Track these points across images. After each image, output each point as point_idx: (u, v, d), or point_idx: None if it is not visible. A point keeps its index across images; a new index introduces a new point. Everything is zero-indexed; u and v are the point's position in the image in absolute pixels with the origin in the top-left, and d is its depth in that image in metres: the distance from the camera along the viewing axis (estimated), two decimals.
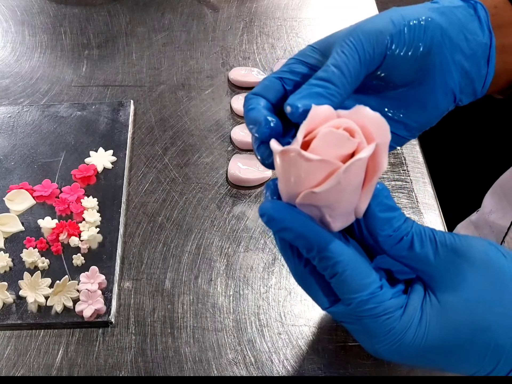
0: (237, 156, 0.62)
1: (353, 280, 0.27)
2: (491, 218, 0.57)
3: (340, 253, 0.27)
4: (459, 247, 0.27)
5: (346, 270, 0.27)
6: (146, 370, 0.48)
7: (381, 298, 0.27)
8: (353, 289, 0.27)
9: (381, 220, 0.27)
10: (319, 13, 0.80)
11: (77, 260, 0.54)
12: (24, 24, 0.79)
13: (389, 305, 0.27)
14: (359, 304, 0.27)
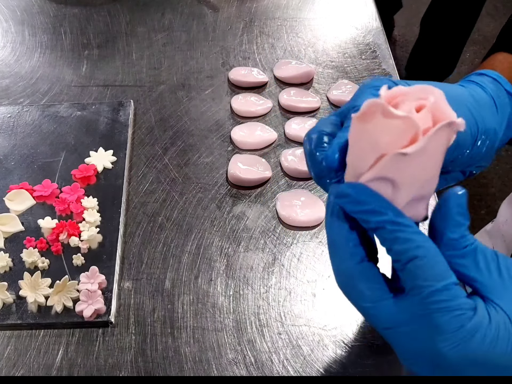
0: (237, 156, 0.62)
1: (432, 268, 0.26)
2: (504, 228, 0.57)
3: (424, 240, 0.27)
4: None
5: (427, 256, 0.26)
6: (146, 370, 0.48)
7: (456, 293, 0.26)
8: (430, 276, 0.26)
9: (454, 222, 0.28)
10: (319, 13, 0.80)
11: (77, 260, 0.54)
12: (24, 24, 0.79)
13: (464, 302, 0.26)
14: (432, 294, 0.26)
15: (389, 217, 0.27)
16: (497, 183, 1.64)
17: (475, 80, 0.38)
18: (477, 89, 0.37)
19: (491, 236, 0.60)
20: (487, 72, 0.39)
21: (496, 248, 0.58)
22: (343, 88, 0.69)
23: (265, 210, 0.59)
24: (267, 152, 0.64)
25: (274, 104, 0.68)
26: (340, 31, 0.78)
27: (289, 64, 0.72)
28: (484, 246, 0.28)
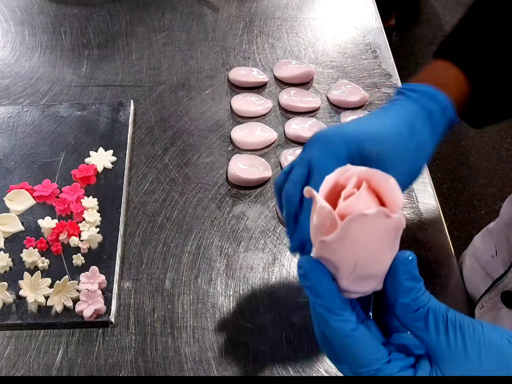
0: (237, 156, 0.62)
1: (361, 355, 0.28)
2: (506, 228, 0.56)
3: (354, 327, 0.28)
4: (467, 331, 0.28)
5: (355, 345, 0.28)
6: (146, 370, 0.48)
7: (389, 372, 0.28)
8: (361, 364, 0.28)
9: (404, 288, 0.28)
10: (319, 13, 0.80)
11: (77, 260, 0.54)
12: (24, 24, 0.79)
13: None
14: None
15: (324, 303, 0.28)
16: (497, 183, 1.64)
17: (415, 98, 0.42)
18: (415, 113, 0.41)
19: (492, 235, 0.60)
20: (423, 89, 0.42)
21: (498, 248, 0.58)
22: (343, 88, 0.69)
23: (265, 210, 0.59)
24: (267, 152, 0.64)
25: (274, 104, 0.68)
26: (340, 31, 0.78)
27: (289, 64, 0.72)
28: (437, 305, 0.29)
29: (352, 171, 0.28)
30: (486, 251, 0.60)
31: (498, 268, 0.56)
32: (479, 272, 0.59)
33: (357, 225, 0.26)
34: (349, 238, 0.26)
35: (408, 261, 0.29)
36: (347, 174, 0.28)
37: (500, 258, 0.56)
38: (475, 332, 0.28)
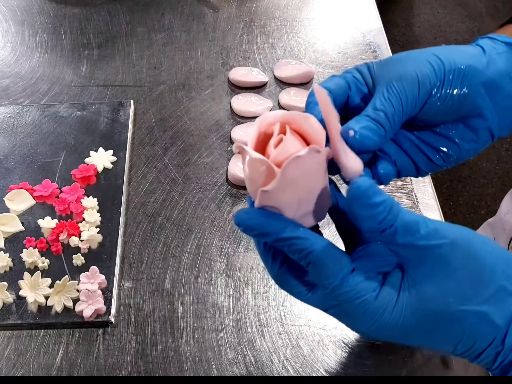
0: (237, 156, 0.62)
1: (326, 267, 0.29)
2: (506, 218, 0.57)
3: (312, 243, 0.29)
4: (442, 236, 0.28)
5: (318, 258, 0.29)
6: (146, 370, 0.48)
7: (353, 282, 0.29)
8: (326, 275, 0.29)
9: (364, 218, 0.29)
10: (319, 13, 0.80)
11: (77, 260, 0.54)
12: (24, 24, 0.79)
13: (361, 287, 0.29)
14: (333, 289, 0.29)
15: (276, 236, 0.29)
16: (497, 183, 1.64)
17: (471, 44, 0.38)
18: (463, 46, 0.36)
19: (493, 228, 0.61)
20: (484, 36, 0.38)
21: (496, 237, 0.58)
22: None
23: None
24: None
25: (274, 104, 0.68)
26: (340, 31, 0.77)
27: (289, 64, 0.72)
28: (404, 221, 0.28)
29: (271, 118, 0.30)
30: None
31: None
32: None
33: (294, 167, 0.28)
34: (289, 181, 0.28)
35: (361, 193, 0.28)
36: (267, 121, 0.30)
37: None
38: (447, 228, 0.29)
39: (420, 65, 0.34)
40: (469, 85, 0.34)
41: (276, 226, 0.29)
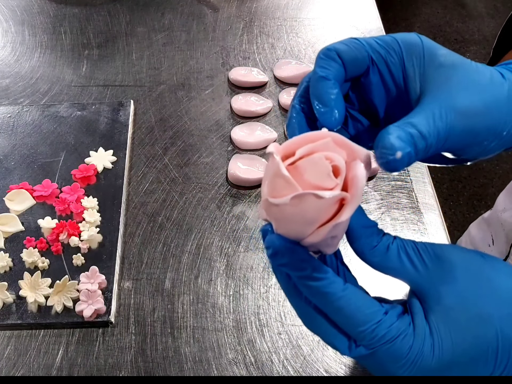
0: (237, 156, 0.62)
1: (360, 311, 0.27)
2: (503, 216, 0.57)
3: (344, 288, 0.27)
4: (441, 253, 0.28)
5: (350, 303, 0.27)
6: (146, 370, 0.48)
7: (390, 322, 0.27)
8: (361, 321, 0.27)
9: (363, 232, 0.28)
10: (319, 13, 0.80)
11: (77, 260, 0.54)
12: (24, 24, 0.79)
13: (399, 325, 0.27)
14: (372, 335, 0.27)
15: (306, 273, 0.27)
16: (497, 183, 1.64)
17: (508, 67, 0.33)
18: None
19: (489, 224, 0.61)
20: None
21: (495, 237, 0.58)
22: None
23: None
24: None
25: (274, 104, 0.68)
26: (340, 31, 0.77)
27: (289, 64, 0.72)
28: (402, 241, 0.28)
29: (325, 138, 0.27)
30: (482, 240, 0.60)
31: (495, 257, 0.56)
32: None
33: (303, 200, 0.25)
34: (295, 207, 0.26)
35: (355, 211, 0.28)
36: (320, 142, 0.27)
37: (496, 247, 0.57)
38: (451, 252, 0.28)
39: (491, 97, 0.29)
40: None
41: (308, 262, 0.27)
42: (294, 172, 0.27)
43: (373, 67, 0.31)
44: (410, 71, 0.30)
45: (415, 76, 0.30)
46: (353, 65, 0.31)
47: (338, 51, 0.30)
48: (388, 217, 0.58)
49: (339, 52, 0.30)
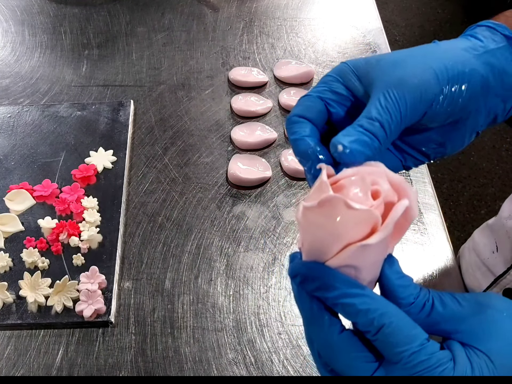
0: (237, 156, 0.62)
1: (402, 331, 0.25)
2: (508, 224, 0.56)
3: (386, 305, 0.26)
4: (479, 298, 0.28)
5: (393, 321, 0.25)
6: (146, 370, 0.48)
7: (432, 349, 0.26)
8: (402, 341, 0.25)
9: (400, 287, 0.27)
10: (319, 13, 0.80)
11: (77, 260, 0.54)
12: (24, 24, 0.79)
13: (441, 356, 0.26)
14: (411, 358, 0.25)
15: (343, 291, 0.26)
16: (497, 183, 1.64)
17: (468, 32, 0.35)
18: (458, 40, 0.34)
19: (493, 230, 0.60)
20: (482, 23, 0.35)
21: (499, 244, 0.58)
22: None
23: (265, 210, 0.59)
24: (267, 152, 0.64)
25: (274, 104, 0.68)
26: (340, 31, 0.78)
27: (289, 64, 0.72)
28: (438, 293, 0.28)
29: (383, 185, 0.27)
30: (486, 246, 0.60)
31: (499, 264, 0.56)
32: (480, 267, 0.59)
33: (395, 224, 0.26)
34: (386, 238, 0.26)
35: (393, 261, 0.28)
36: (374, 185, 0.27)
37: (501, 255, 0.56)
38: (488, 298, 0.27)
39: (421, 71, 0.31)
40: (471, 91, 0.32)
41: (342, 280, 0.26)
42: (335, 187, 0.27)
43: (334, 108, 0.33)
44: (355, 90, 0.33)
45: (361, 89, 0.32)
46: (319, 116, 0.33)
47: (299, 114, 0.32)
48: None
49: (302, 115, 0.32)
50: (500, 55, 0.33)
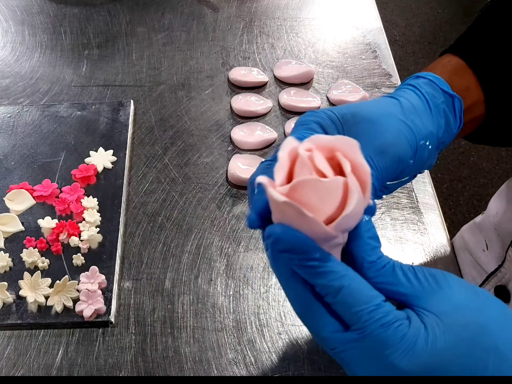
0: (237, 156, 0.62)
1: (360, 292, 0.28)
2: (496, 221, 0.57)
3: (346, 269, 0.28)
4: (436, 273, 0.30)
5: (351, 283, 0.28)
6: (146, 370, 0.48)
7: (389, 308, 0.28)
8: (361, 301, 0.28)
9: (369, 246, 0.30)
10: (319, 13, 0.80)
11: (77, 260, 0.54)
12: (24, 24, 0.79)
13: (397, 313, 0.28)
14: (369, 315, 0.27)
15: (308, 254, 0.28)
16: (497, 183, 1.64)
17: (412, 83, 0.40)
18: (410, 95, 0.39)
19: (481, 229, 0.60)
20: (423, 74, 0.40)
21: (489, 242, 0.58)
22: (343, 88, 0.69)
23: None
24: (267, 152, 0.64)
25: (274, 104, 0.68)
26: (340, 31, 0.78)
27: (289, 64, 0.72)
28: (399, 262, 0.30)
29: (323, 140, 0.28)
30: (477, 245, 0.60)
31: (491, 262, 0.56)
32: (475, 266, 0.59)
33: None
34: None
35: (367, 221, 0.30)
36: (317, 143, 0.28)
37: (491, 253, 0.57)
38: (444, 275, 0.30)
39: (397, 138, 0.36)
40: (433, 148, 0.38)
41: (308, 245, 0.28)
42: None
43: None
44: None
45: None
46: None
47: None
48: (388, 217, 0.58)
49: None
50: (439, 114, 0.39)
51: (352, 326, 0.28)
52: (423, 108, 0.38)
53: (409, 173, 0.38)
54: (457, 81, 0.41)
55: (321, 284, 0.28)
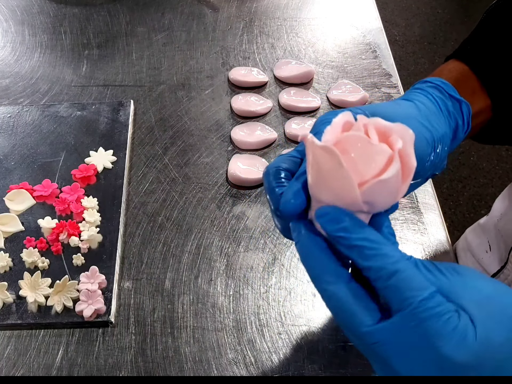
0: (237, 156, 0.62)
1: (414, 279, 0.27)
2: (500, 223, 0.57)
3: (401, 255, 0.28)
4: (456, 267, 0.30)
5: (407, 269, 0.27)
6: (146, 370, 0.48)
7: (441, 299, 0.27)
8: (415, 287, 0.27)
9: (389, 241, 0.29)
10: (319, 13, 0.80)
11: (77, 260, 0.54)
12: (24, 24, 0.79)
13: (448, 306, 0.27)
14: (421, 303, 0.27)
15: (367, 235, 0.28)
16: (497, 183, 1.64)
17: (421, 87, 0.41)
18: (422, 98, 0.39)
19: (485, 230, 0.61)
20: (431, 79, 0.41)
21: (492, 243, 0.58)
22: (343, 88, 0.69)
23: (265, 210, 0.59)
24: (267, 152, 0.64)
25: (274, 104, 0.68)
26: (340, 31, 0.78)
27: (289, 64, 0.72)
28: (419, 258, 0.30)
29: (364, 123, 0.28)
30: (480, 246, 0.60)
31: (494, 263, 0.56)
32: (477, 267, 0.59)
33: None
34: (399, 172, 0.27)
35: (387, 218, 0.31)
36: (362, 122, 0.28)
37: (494, 254, 0.57)
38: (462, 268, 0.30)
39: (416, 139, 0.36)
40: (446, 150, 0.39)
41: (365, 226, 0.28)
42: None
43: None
44: None
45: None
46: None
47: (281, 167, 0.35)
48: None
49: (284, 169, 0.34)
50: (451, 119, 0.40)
51: (402, 311, 0.27)
52: (436, 111, 0.39)
53: (423, 175, 0.39)
54: (463, 87, 0.41)
55: (374, 267, 0.28)
